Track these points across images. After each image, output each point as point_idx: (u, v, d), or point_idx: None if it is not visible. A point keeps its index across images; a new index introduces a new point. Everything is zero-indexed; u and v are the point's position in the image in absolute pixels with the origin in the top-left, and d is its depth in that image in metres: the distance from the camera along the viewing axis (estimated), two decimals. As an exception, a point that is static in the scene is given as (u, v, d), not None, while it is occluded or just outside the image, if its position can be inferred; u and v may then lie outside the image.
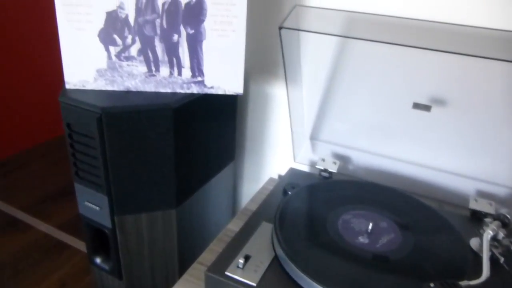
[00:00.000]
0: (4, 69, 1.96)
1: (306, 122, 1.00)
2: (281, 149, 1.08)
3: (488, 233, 0.67)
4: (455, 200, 0.91)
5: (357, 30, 0.82)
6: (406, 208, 0.81)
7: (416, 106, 0.83)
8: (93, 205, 0.85)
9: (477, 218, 0.83)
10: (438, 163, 0.91)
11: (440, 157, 0.89)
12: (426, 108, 0.83)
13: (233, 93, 0.83)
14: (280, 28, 0.69)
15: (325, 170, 0.95)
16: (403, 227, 0.75)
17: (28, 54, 2.05)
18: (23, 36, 1.98)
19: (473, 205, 0.84)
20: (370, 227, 0.74)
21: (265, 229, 0.75)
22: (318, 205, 0.80)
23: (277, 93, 1.02)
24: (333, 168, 0.94)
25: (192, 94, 0.82)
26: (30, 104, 2.14)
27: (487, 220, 0.71)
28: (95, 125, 0.75)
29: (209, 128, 0.91)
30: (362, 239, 0.70)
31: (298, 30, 0.72)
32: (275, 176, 1.11)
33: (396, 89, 0.84)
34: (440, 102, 0.82)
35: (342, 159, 1.00)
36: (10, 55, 1.96)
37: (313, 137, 1.03)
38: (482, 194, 0.88)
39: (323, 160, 0.97)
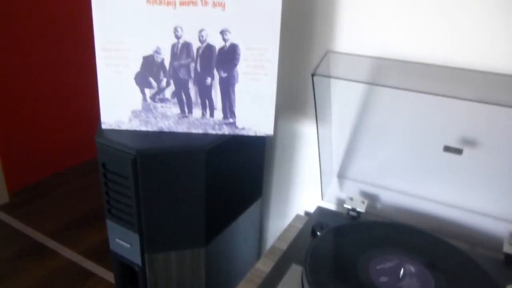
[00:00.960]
0: (35, 94, 2.03)
1: (334, 160, 1.00)
2: (308, 185, 1.08)
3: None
4: (488, 243, 0.89)
5: (387, 76, 0.83)
6: (437, 251, 0.80)
7: (447, 149, 0.83)
8: (124, 243, 0.87)
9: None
10: (470, 204, 0.89)
11: (472, 198, 0.88)
12: (457, 151, 0.82)
13: (264, 135, 0.84)
14: (313, 75, 0.70)
15: (353, 210, 0.94)
16: (434, 271, 0.74)
17: (61, 80, 2.12)
18: (60, 62, 2.06)
19: (508, 249, 0.83)
20: (401, 272, 0.73)
21: (295, 272, 0.75)
22: (348, 248, 0.79)
23: (305, 131, 1.03)
24: (361, 208, 0.94)
25: (223, 135, 0.84)
26: (58, 129, 2.20)
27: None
28: (129, 166, 0.77)
29: (238, 167, 0.92)
30: (393, 285, 0.70)
31: (330, 77, 0.73)
32: (302, 213, 1.11)
33: (426, 132, 0.84)
34: (471, 144, 0.82)
35: (371, 197, 1.00)
36: (44, 79, 2.03)
37: (341, 175, 1.03)
38: (516, 239, 0.86)
39: (351, 199, 0.96)
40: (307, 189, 1.09)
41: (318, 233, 0.84)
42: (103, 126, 0.85)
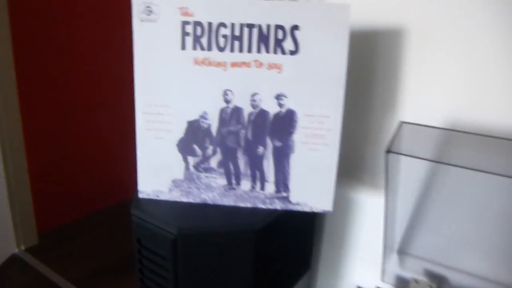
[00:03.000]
0: (69, 135, 1.99)
1: (396, 234, 0.88)
2: (362, 258, 0.96)
3: None
4: None
5: (457, 149, 0.72)
6: None
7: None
8: (157, 329, 0.76)
9: None
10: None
11: None
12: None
13: (321, 211, 0.73)
14: (388, 152, 0.60)
15: (421, 296, 0.81)
16: None
17: (95, 121, 2.09)
18: (98, 102, 2.04)
19: None
20: None
21: None
22: None
23: (361, 199, 0.91)
24: (430, 294, 0.81)
25: (274, 211, 0.73)
26: (86, 172, 2.15)
27: None
28: (169, 246, 0.67)
29: (288, 242, 0.81)
30: None
31: (406, 155, 0.63)
32: (354, 288, 0.98)
33: (498, 211, 0.72)
34: None
35: (438, 280, 0.86)
36: (79, 120, 2.01)
37: (402, 251, 0.90)
38: None
39: (417, 282, 0.83)
40: (359, 263, 0.97)
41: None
42: (140, 195, 0.76)
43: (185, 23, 0.67)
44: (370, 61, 0.83)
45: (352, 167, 0.91)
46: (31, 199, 1.86)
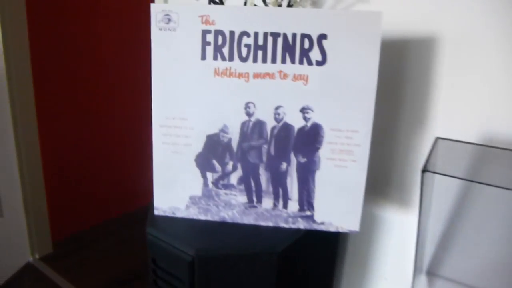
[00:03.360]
0: (84, 144, 1.98)
1: (426, 255, 0.83)
2: (387, 279, 0.91)
3: None
4: None
5: (495, 168, 0.67)
6: None
7: None
8: None
9: None
10: None
11: None
12: None
13: (347, 231, 0.69)
14: (424, 171, 0.55)
15: (454, 323, 0.75)
16: None
17: (109, 130, 2.07)
18: (112, 110, 2.03)
19: None
20: None
21: None
22: None
23: (387, 217, 0.86)
24: (463, 321, 0.75)
25: (297, 231, 0.69)
26: (102, 179, 2.14)
27: None
28: (186, 268, 0.63)
29: (311, 263, 0.76)
30: None
31: (443, 175, 0.58)
32: (379, 311, 0.93)
33: None
34: None
35: (472, 305, 0.80)
36: (94, 128, 1.99)
37: (431, 272, 0.84)
38: None
39: (449, 307, 0.78)
40: (384, 284, 0.92)
41: None
42: (156, 212, 0.72)
43: (205, 32, 0.63)
44: (398, 72, 0.78)
45: (378, 183, 0.86)
46: (46, 207, 1.84)
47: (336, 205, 0.68)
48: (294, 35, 0.62)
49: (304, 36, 0.61)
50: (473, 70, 0.70)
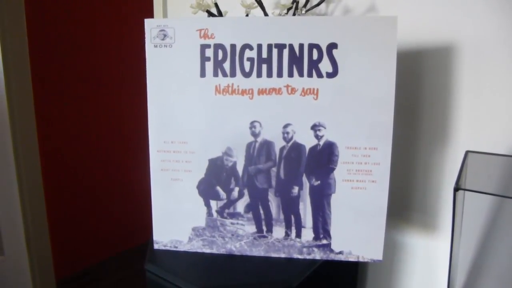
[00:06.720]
0: (87, 179, 1.92)
1: (457, 282, 0.75)
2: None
3: None
4: None
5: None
6: None
7: None
8: None
9: None
10: None
11: None
12: None
13: (369, 260, 0.61)
14: (457, 189, 0.48)
15: None
16: None
17: (114, 165, 2.02)
18: (116, 145, 1.98)
19: None
20: None
21: None
22: None
23: (410, 242, 0.79)
24: None
25: (313, 262, 0.61)
26: (107, 214, 2.06)
27: None
28: (190, 310, 0.56)
29: (329, 298, 0.69)
30: None
31: (480, 192, 0.52)
32: None
33: None
34: None
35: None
36: (96, 164, 1.94)
37: (462, 302, 0.76)
38: None
39: None
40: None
41: None
42: (156, 246, 0.65)
43: (204, 46, 0.58)
44: (416, 83, 0.72)
45: (398, 205, 0.79)
46: (50, 245, 1.76)
47: (355, 232, 0.61)
48: (301, 46, 0.56)
49: (312, 46, 0.56)
50: (495, 78, 0.64)
